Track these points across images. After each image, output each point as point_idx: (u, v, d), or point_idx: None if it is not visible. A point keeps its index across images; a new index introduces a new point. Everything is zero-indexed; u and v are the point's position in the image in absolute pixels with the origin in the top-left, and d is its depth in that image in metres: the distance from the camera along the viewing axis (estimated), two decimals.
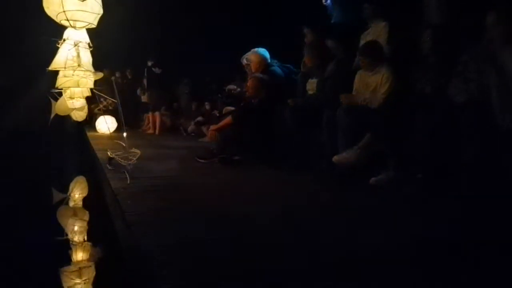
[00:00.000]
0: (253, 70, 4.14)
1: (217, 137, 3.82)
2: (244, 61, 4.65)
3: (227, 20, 8.07)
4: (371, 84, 2.96)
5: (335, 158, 2.72)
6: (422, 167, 2.45)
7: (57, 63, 2.80)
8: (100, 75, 3.15)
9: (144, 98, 8.43)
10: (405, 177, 2.49)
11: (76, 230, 2.41)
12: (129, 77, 8.99)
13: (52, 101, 3.25)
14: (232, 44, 6.44)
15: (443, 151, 2.31)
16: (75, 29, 2.67)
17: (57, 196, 3.22)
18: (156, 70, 7.64)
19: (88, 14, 2.56)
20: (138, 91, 8.55)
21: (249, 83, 3.99)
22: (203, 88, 8.51)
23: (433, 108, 2.40)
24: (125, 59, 8.79)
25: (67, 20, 2.52)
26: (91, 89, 3.37)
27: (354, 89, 3.11)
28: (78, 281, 1.77)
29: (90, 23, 2.65)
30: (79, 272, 1.84)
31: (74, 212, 2.82)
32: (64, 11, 2.46)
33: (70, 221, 2.61)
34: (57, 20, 2.62)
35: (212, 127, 3.95)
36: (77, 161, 5.11)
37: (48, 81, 3.37)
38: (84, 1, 2.46)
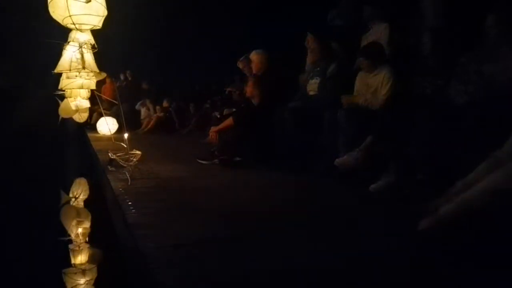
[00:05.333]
0: (254, 70, 4.15)
1: (217, 139, 3.82)
2: (240, 65, 4.69)
3: (228, 22, 8.08)
4: (372, 85, 2.96)
5: (337, 162, 2.72)
6: (423, 169, 2.45)
7: (62, 65, 2.82)
8: (103, 75, 3.17)
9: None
10: (405, 180, 2.50)
11: (79, 232, 2.42)
12: (129, 78, 9.00)
13: (60, 102, 3.28)
14: (232, 46, 6.46)
15: (443, 152, 2.31)
16: (81, 31, 2.69)
17: (64, 198, 3.24)
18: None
19: (93, 17, 2.58)
20: (137, 106, 8.52)
21: (249, 83, 4.00)
22: (203, 89, 8.52)
23: (433, 110, 2.41)
24: (125, 60, 8.82)
25: (73, 23, 2.54)
26: (91, 90, 3.39)
27: (355, 90, 3.12)
28: (81, 282, 1.78)
29: (95, 25, 2.67)
30: (83, 273, 1.85)
31: (77, 213, 2.83)
32: (70, 15, 2.48)
33: (74, 222, 2.62)
34: (63, 24, 2.64)
35: (213, 128, 3.95)
36: (78, 163, 5.12)
37: (51, 83, 3.40)
38: (89, 4, 2.48)
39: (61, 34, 2.81)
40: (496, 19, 2.31)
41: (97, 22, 2.64)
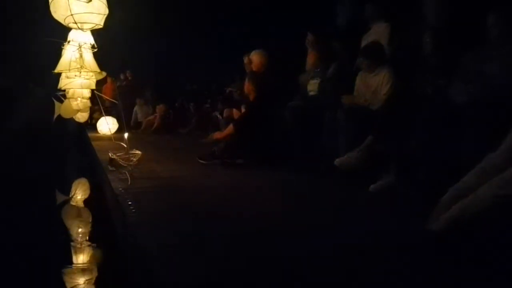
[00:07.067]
0: (254, 70, 4.15)
1: (220, 142, 3.83)
2: (246, 60, 4.66)
3: (229, 21, 8.08)
4: (372, 85, 2.96)
5: (337, 161, 2.72)
6: (423, 169, 2.45)
7: (62, 65, 2.82)
8: (104, 74, 3.18)
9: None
10: (405, 180, 2.49)
11: (80, 231, 2.43)
12: (129, 78, 8.99)
13: (56, 102, 3.28)
14: (233, 45, 6.46)
15: (443, 152, 2.31)
16: (83, 31, 2.69)
17: (60, 197, 3.24)
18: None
19: (95, 16, 2.58)
20: (134, 109, 8.51)
21: (247, 80, 4.00)
22: (203, 89, 8.51)
23: (434, 110, 2.40)
24: (125, 60, 8.82)
25: (75, 23, 2.54)
26: (91, 90, 3.39)
27: (355, 90, 3.12)
28: (81, 281, 1.78)
29: (96, 24, 2.67)
30: (82, 273, 1.85)
31: (78, 213, 2.84)
32: (71, 14, 2.48)
33: (74, 222, 2.63)
34: (65, 24, 2.64)
35: (217, 134, 3.97)
36: (78, 162, 5.12)
37: (51, 82, 3.41)
38: (90, 3, 2.48)
39: (62, 34, 2.82)
40: (497, 19, 2.31)
41: (99, 20, 2.64)
